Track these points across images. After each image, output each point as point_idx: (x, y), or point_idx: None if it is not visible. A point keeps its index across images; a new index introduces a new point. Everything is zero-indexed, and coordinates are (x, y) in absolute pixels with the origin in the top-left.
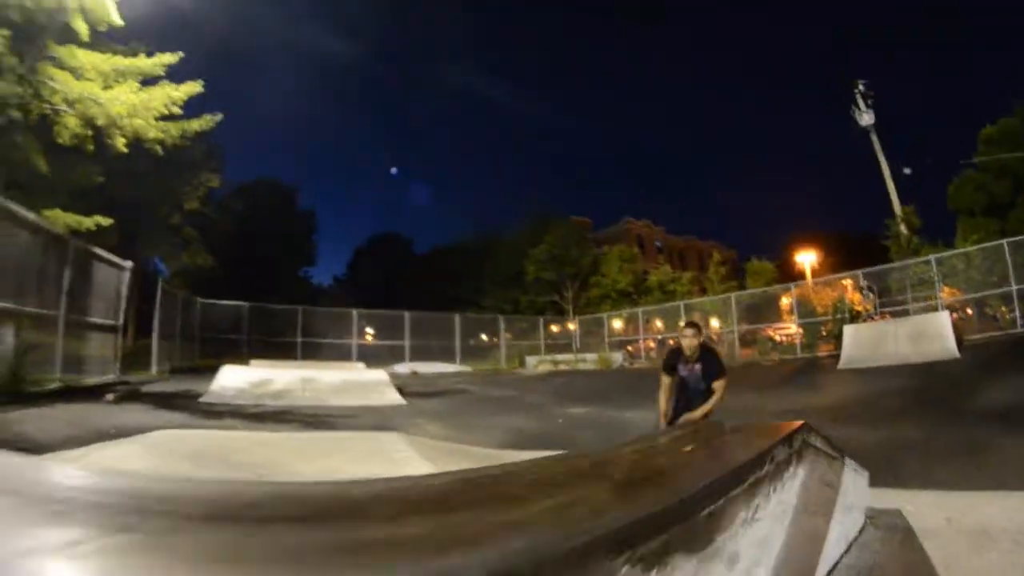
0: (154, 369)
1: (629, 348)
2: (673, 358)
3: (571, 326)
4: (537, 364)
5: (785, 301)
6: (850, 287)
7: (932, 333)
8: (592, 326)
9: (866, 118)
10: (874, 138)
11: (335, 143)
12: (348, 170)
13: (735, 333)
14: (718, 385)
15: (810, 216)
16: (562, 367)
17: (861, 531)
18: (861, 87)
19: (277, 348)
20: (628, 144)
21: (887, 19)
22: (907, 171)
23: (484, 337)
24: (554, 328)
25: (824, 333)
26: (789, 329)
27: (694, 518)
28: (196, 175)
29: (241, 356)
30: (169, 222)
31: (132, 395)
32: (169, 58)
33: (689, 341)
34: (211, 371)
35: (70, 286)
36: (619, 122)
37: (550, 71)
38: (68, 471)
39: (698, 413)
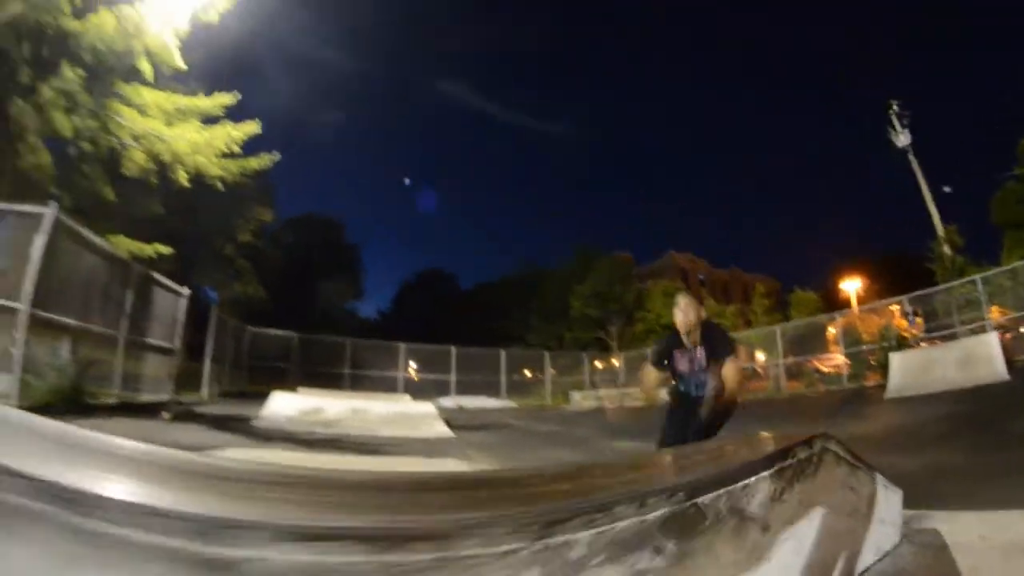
0: (204, 391)
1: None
2: (667, 346)
3: (615, 361)
4: (582, 399)
5: (830, 331)
6: (897, 313)
7: (980, 356)
8: (636, 361)
9: (902, 139)
10: (912, 159)
11: (383, 179)
12: (393, 205)
13: (780, 366)
14: (729, 369)
15: (854, 240)
16: (606, 402)
17: (896, 546)
18: (895, 107)
19: (324, 378)
20: (672, 178)
21: (920, 27)
22: (947, 189)
23: (528, 372)
24: (598, 364)
25: (871, 362)
26: (836, 360)
27: (734, 485)
28: (250, 209)
29: (288, 384)
30: (223, 252)
31: (187, 415)
32: (227, 99)
33: (685, 316)
34: (259, 396)
35: (131, 308)
36: (662, 157)
37: (596, 109)
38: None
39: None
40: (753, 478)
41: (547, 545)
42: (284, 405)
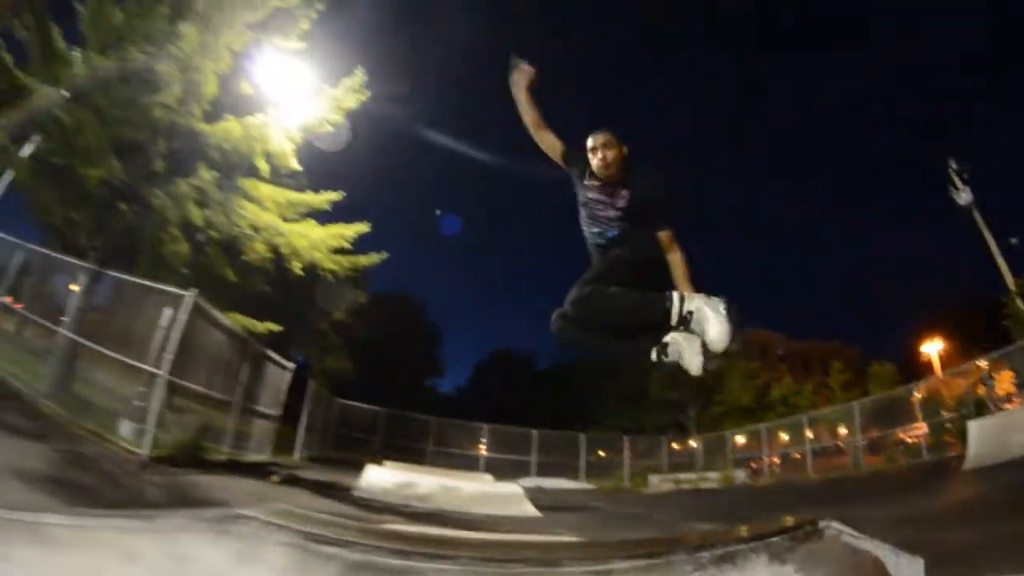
0: (296, 455)
1: (752, 464)
2: (584, 162)
3: (693, 444)
4: (660, 482)
5: (908, 400)
6: (977, 375)
7: None
8: (714, 443)
9: (964, 196)
10: (976, 215)
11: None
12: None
13: (859, 442)
14: (674, 254)
15: (929, 297)
16: (685, 485)
17: None
18: (954, 165)
19: (408, 452)
20: (745, 253)
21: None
22: (1014, 241)
23: (604, 454)
24: (676, 446)
25: (951, 431)
26: (918, 430)
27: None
28: (347, 291)
29: (373, 456)
30: (318, 328)
31: (292, 480)
32: (334, 196)
33: (602, 154)
34: (345, 464)
35: (246, 378)
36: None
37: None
38: None
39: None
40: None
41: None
42: (379, 478)
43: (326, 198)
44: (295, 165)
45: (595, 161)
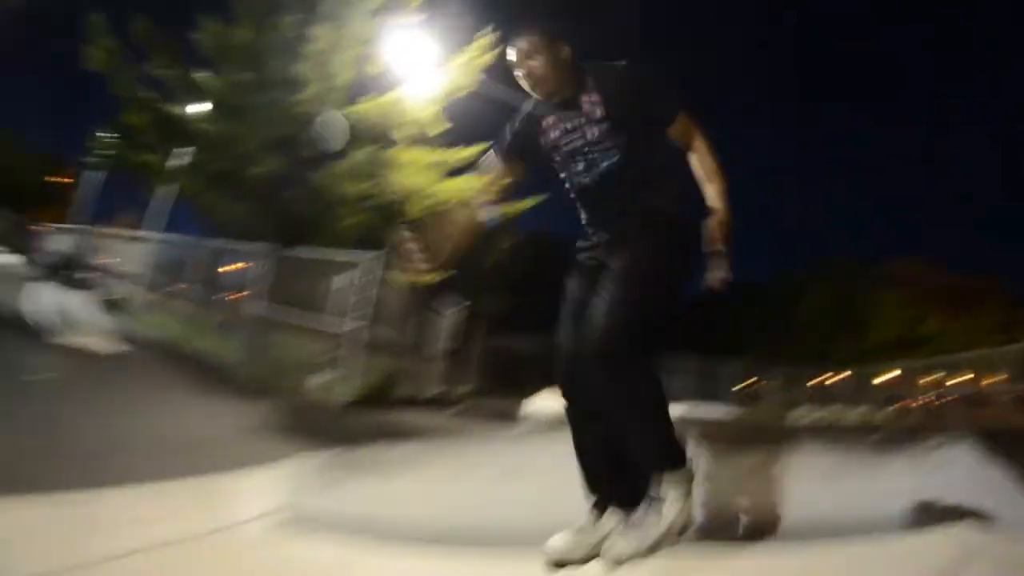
0: (460, 389)
1: (898, 402)
2: (528, 119)
3: (839, 377)
4: (802, 415)
5: None
6: None
7: None
8: (858, 379)
9: None
10: None
11: None
12: None
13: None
14: (698, 144)
15: None
16: (825, 420)
17: None
18: None
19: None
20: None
21: None
22: None
23: (747, 383)
24: (819, 379)
25: None
26: None
27: None
28: (503, 235)
29: (534, 386)
30: (478, 271)
31: (466, 410)
32: (476, 149)
33: (527, 69)
34: (510, 394)
35: (422, 323)
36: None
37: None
38: None
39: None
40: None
41: None
42: (544, 405)
43: (462, 155)
44: (437, 129)
45: (524, 83)
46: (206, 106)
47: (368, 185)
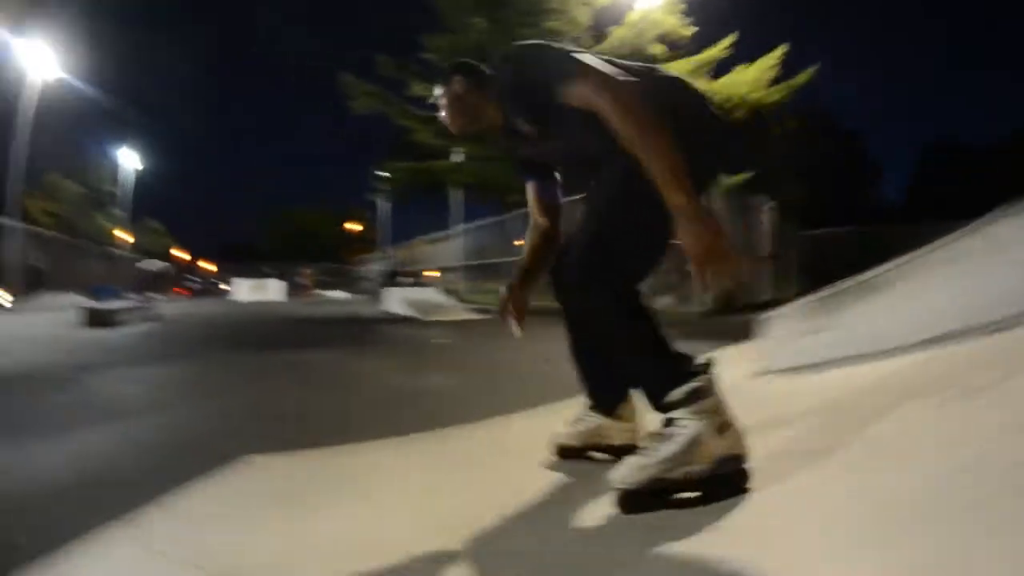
0: (786, 292)
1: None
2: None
3: None
4: None
5: None
6: None
7: None
8: None
9: None
10: None
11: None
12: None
13: None
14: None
15: None
16: None
17: None
18: None
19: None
20: None
21: None
22: None
23: None
24: None
25: None
26: None
27: None
28: (786, 119)
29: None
30: (773, 165)
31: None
32: (728, 40)
33: (445, 116)
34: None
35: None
36: None
37: None
38: None
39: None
40: None
41: None
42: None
43: (723, 46)
44: (687, 32)
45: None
46: None
47: None
